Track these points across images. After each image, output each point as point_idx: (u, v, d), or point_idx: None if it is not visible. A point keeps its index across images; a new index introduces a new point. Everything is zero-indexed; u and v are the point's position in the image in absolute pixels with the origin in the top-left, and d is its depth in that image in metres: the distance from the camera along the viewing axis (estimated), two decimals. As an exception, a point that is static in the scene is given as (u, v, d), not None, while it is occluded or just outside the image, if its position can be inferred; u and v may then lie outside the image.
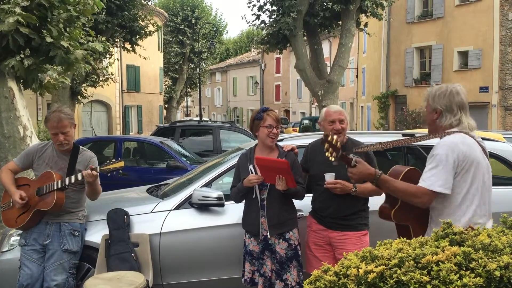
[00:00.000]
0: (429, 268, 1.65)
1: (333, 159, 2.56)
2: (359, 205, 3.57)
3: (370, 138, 4.82)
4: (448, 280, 1.57)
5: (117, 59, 23.21)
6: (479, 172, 2.55)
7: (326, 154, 2.58)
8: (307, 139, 4.07)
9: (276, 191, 3.49)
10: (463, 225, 2.42)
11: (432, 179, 2.49)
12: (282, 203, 3.58)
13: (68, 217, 3.76)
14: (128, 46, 17.61)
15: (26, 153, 3.89)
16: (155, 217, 4.07)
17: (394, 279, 1.63)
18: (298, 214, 3.75)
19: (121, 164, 3.61)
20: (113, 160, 3.65)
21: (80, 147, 3.87)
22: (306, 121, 29.28)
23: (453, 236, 1.86)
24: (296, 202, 3.70)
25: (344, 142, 3.57)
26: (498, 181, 4.91)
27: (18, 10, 5.41)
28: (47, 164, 3.75)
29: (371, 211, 3.67)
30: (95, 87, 17.46)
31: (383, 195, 3.02)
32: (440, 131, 2.67)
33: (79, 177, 3.60)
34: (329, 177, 3.43)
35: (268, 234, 3.56)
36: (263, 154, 3.65)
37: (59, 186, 3.57)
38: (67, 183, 3.59)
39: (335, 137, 2.60)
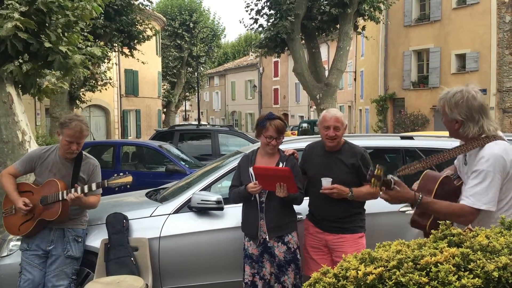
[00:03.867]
0: (428, 269, 1.65)
1: (378, 188, 2.37)
2: (355, 208, 3.58)
3: (368, 141, 4.85)
4: (446, 281, 1.58)
5: (115, 63, 23.21)
6: None
7: (372, 187, 2.39)
8: (306, 142, 4.07)
9: (275, 194, 3.48)
10: None
11: (477, 196, 2.36)
12: (281, 206, 3.58)
13: (72, 223, 3.76)
14: (126, 50, 17.66)
15: (28, 158, 3.82)
16: (154, 221, 4.06)
17: (393, 281, 1.64)
18: (297, 217, 3.75)
19: (129, 179, 3.56)
20: (121, 174, 3.62)
21: (84, 153, 3.83)
22: (305, 125, 29.38)
23: (452, 237, 1.86)
24: (295, 206, 3.70)
25: (340, 145, 3.58)
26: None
27: (16, 15, 5.41)
28: (50, 170, 3.71)
29: (367, 213, 3.70)
30: (93, 92, 17.47)
31: (378, 198, 2.93)
32: (470, 140, 2.49)
33: (86, 190, 3.58)
34: (326, 182, 3.43)
35: (267, 237, 3.56)
36: (265, 157, 3.66)
37: (64, 197, 3.54)
38: (72, 196, 3.52)
39: (380, 167, 2.39)
